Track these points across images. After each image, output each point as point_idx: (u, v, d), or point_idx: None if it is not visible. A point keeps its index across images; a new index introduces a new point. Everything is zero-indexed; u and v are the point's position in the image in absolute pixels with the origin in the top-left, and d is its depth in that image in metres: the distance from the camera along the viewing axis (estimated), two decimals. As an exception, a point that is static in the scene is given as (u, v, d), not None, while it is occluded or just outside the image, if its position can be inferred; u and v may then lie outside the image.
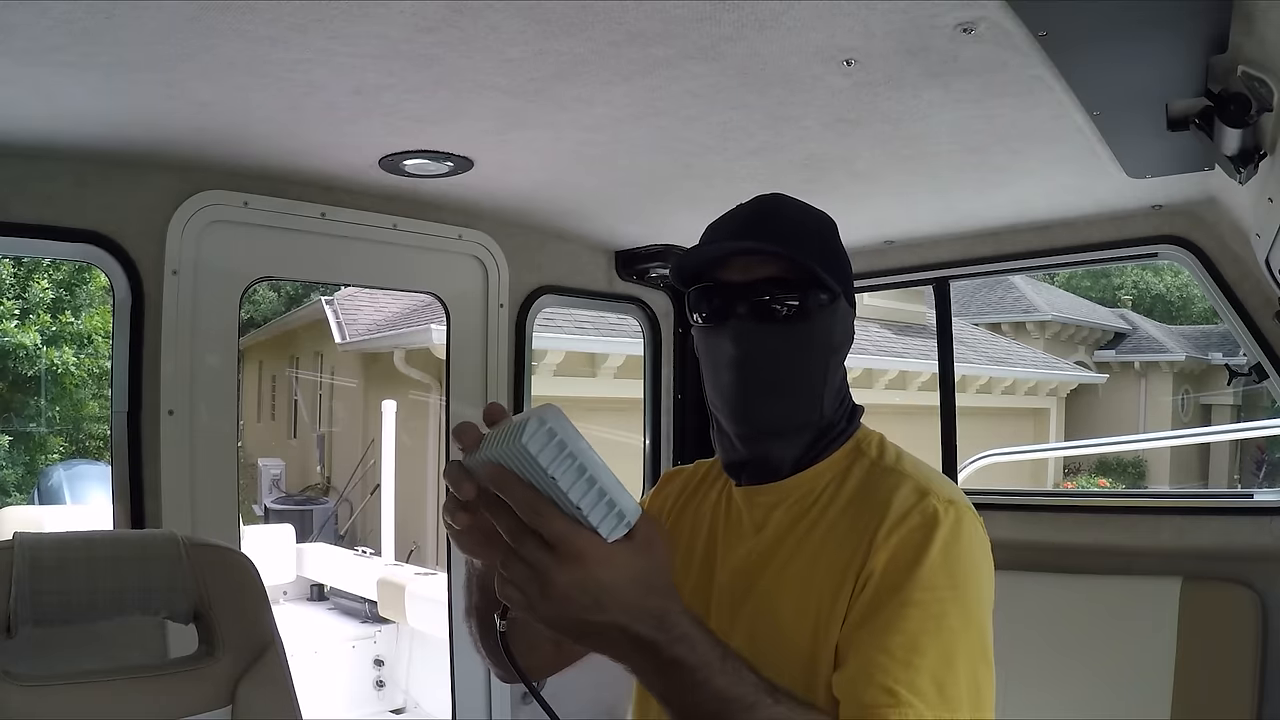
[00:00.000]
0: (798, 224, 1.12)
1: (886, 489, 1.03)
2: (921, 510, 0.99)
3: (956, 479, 2.69)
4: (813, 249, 1.08)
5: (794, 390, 1.09)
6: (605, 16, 1.26)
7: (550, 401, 0.84)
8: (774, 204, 1.14)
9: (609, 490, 0.80)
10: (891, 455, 1.11)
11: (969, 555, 0.99)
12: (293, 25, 1.29)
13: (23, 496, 10.78)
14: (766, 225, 1.10)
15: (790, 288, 1.06)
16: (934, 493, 1.01)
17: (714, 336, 1.09)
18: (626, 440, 4.15)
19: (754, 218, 1.11)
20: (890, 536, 0.98)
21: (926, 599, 0.94)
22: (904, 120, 1.64)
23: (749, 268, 1.07)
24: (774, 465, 1.10)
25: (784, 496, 1.11)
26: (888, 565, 0.97)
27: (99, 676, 1.39)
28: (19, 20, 1.26)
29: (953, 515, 0.99)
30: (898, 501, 1.01)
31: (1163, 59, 1.30)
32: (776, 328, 1.07)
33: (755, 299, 1.06)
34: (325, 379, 13.56)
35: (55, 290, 11.57)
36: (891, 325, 13.34)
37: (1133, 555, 2.33)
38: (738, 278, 1.07)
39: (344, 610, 6.52)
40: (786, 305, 1.07)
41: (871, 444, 1.13)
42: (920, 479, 1.04)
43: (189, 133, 1.77)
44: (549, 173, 2.07)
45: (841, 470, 1.10)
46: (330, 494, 12.09)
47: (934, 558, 0.95)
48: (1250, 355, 2.23)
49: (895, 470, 1.07)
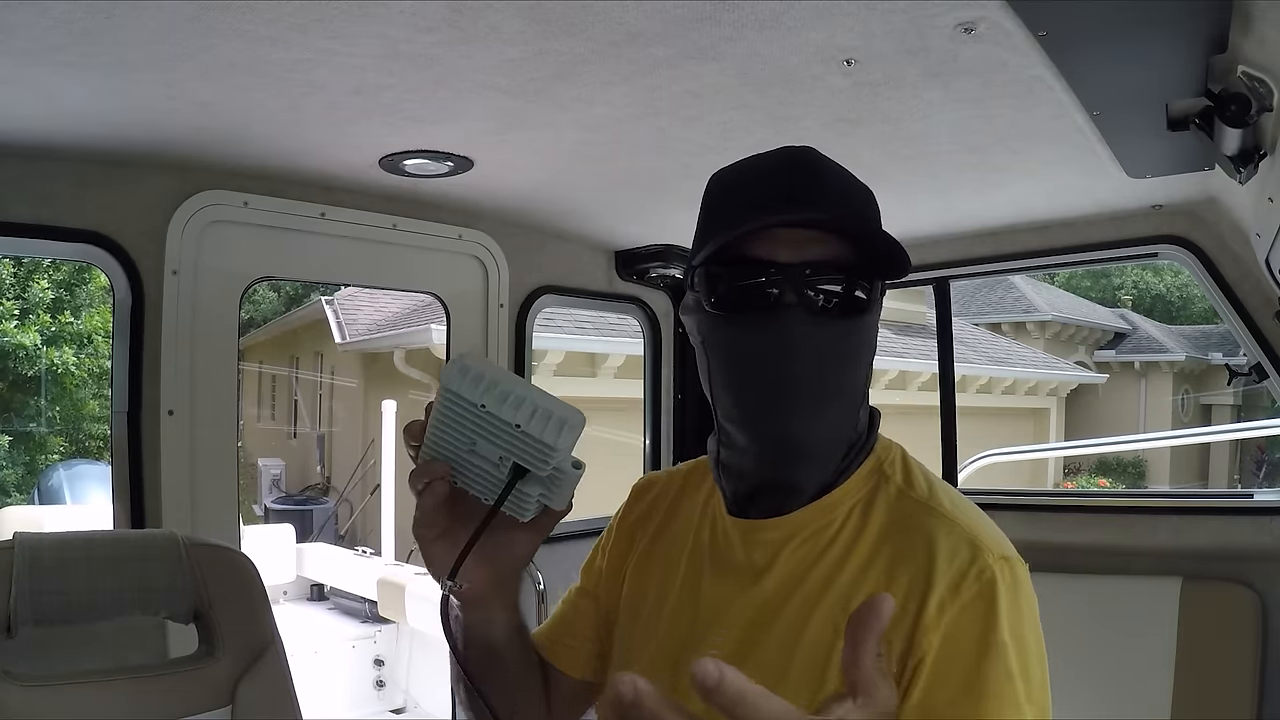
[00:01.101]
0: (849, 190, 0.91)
1: (926, 536, 0.85)
2: (979, 575, 0.81)
3: (956, 479, 2.69)
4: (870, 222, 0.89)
5: (839, 401, 0.89)
6: (605, 16, 1.26)
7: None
8: (816, 161, 0.91)
9: (540, 403, 0.80)
10: (921, 483, 0.92)
11: (1031, 626, 0.84)
12: (293, 25, 1.29)
13: (23, 496, 10.78)
14: (816, 189, 0.88)
15: (850, 272, 0.87)
16: (986, 548, 0.84)
17: (742, 328, 0.87)
18: (626, 440, 4.16)
19: (799, 178, 0.89)
20: (944, 612, 0.80)
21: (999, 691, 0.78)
22: (904, 120, 1.64)
23: (798, 244, 0.85)
24: (797, 493, 0.90)
25: (796, 530, 0.90)
26: (942, 651, 0.79)
27: (99, 676, 1.39)
28: (19, 20, 1.26)
29: (1008, 577, 0.83)
30: (944, 558, 0.83)
31: (1163, 59, 1.29)
32: (829, 323, 0.86)
33: (808, 285, 0.85)
34: (325, 379, 13.57)
35: (55, 290, 11.58)
36: (891, 325, 13.34)
37: (1132, 555, 2.33)
38: (784, 256, 0.85)
39: (344, 610, 6.52)
40: (845, 295, 0.87)
41: (895, 464, 0.94)
42: (964, 526, 0.86)
43: (189, 133, 1.77)
44: (549, 173, 2.07)
45: (864, 498, 0.91)
46: (330, 494, 12.09)
47: (1000, 640, 0.79)
48: (1250, 355, 2.23)
49: (932, 510, 0.88)
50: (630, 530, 1.09)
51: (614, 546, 1.10)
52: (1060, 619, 2.33)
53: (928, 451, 2.79)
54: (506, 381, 0.80)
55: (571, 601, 1.14)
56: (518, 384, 0.80)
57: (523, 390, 0.80)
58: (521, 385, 0.81)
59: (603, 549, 1.12)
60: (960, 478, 2.74)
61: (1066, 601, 2.35)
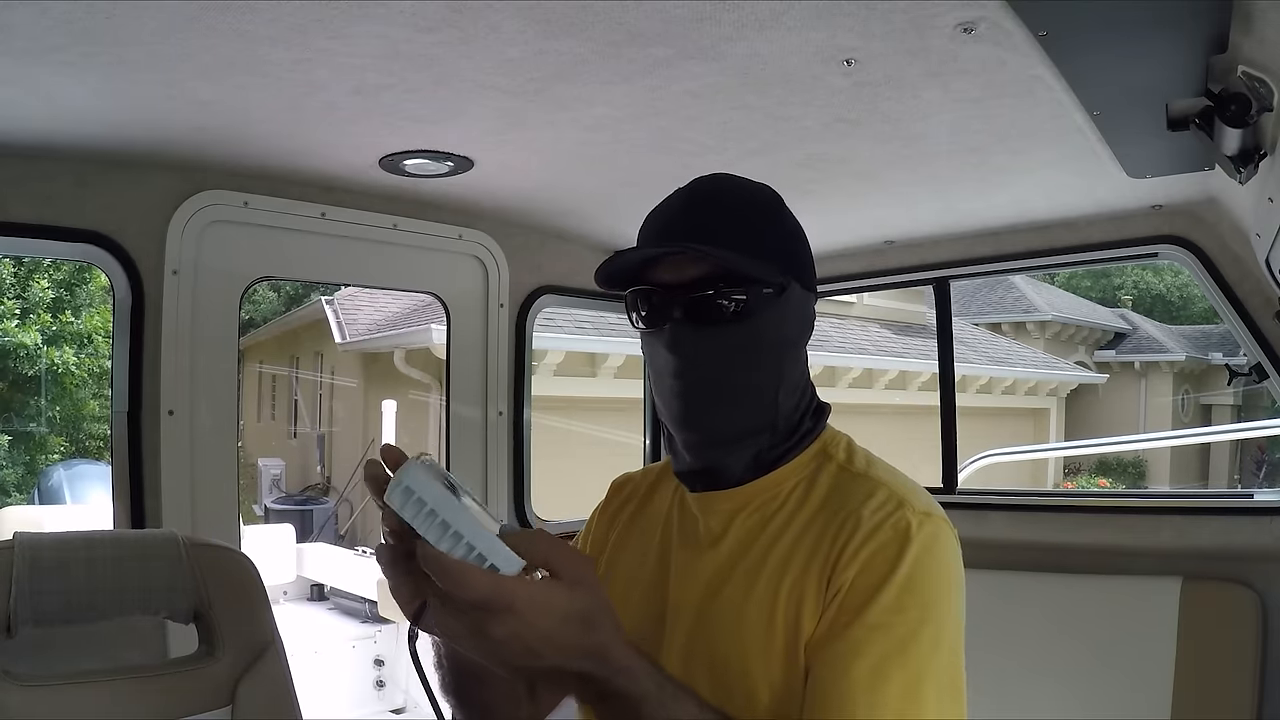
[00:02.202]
0: (732, 210, 1.02)
1: (858, 497, 0.97)
2: (895, 523, 0.93)
3: (956, 479, 2.69)
4: (749, 238, 0.99)
5: (741, 395, 1.00)
6: (605, 16, 1.26)
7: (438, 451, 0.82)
8: (708, 191, 1.04)
9: (477, 544, 0.78)
10: (861, 460, 1.03)
11: (942, 573, 0.93)
12: (293, 25, 1.29)
13: (23, 496, 10.79)
14: (695, 218, 1.00)
15: (727, 284, 0.97)
16: (908, 504, 0.95)
17: (653, 341, 1.01)
18: (626, 440, 4.16)
19: (683, 211, 1.02)
20: (861, 550, 0.92)
21: (894, 622, 0.88)
22: (904, 120, 1.64)
23: (680, 267, 0.98)
24: (726, 474, 1.02)
25: (745, 502, 1.03)
26: (856, 582, 0.91)
27: (99, 676, 1.39)
28: (19, 20, 1.26)
29: (928, 529, 0.93)
30: (869, 511, 0.94)
31: (1163, 59, 1.30)
32: (715, 329, 0.98)
33: (690, 300, 0.98)
34: (325, 379, 13.57)
35: (55, 290, 11.59)
36: (891, 325, 13.35)
37: (1132, 555, 2.33)
38: (669, 278, 0.98)
39: (344, 610, 6.52)
40: (724, 305, 0.98)
41: (839, 447, 1.05)
42: (894, 487, 0.97)
43: (189, 132, 1.77)
44: (549, 173, 2.07)
45: (808, 474, 1.03)
46: (330, 494, 12.09)
47: (904, 576, 0.90)
48: (1250, 355, 2.23)
49: (866, 476, 1.00)
50: (607, 523, 1.19)
51: (593, 542, 1.19)
52: (1060, 619, 2.35)
53: (928, 451, 2.79)
54: (446, 512, 0.78)
55: None
56: (459, 516, 0.78)
57: (460, 526, 0.78)
58: (462, 518, 0.78)
59: (580, 545, 1.22)
60: (960, 478, 2.74)
61: (1066, 601, 2.35)
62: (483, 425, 2.55)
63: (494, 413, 2.56)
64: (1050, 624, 2.34)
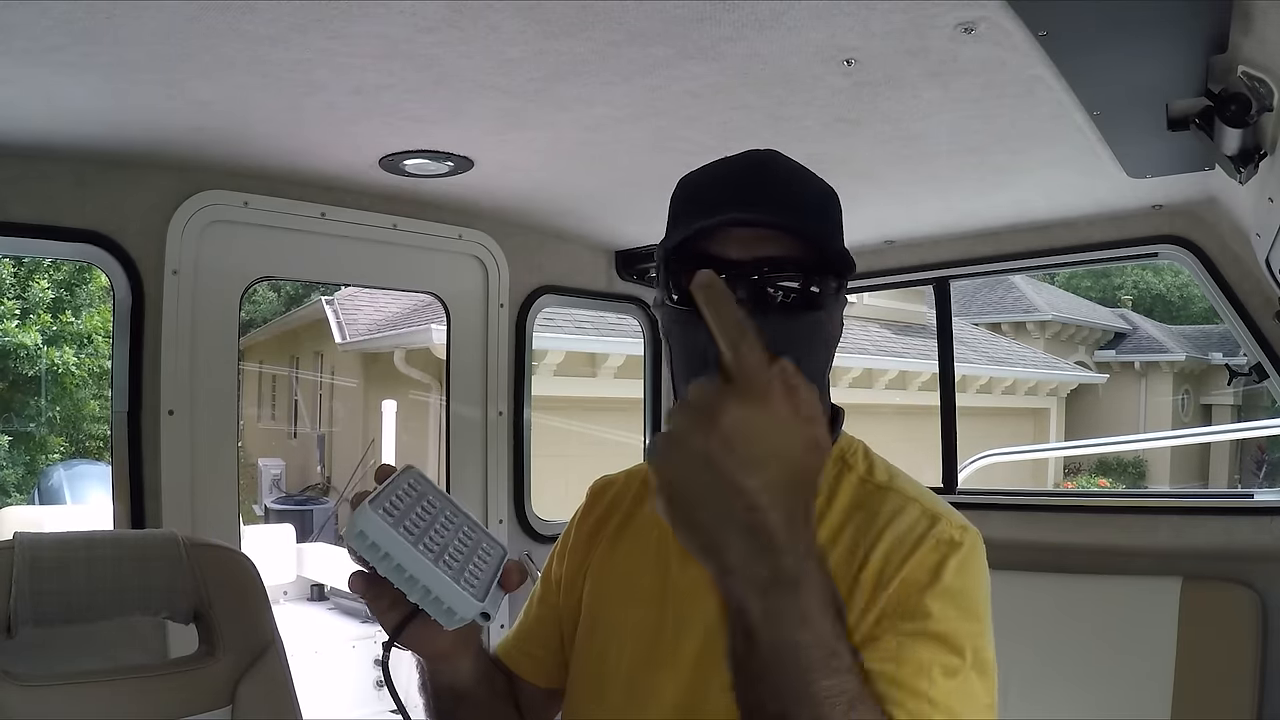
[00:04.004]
0: (802, 191, 0.94)
1: (887, 512, 0.91)
2: (938, 536, 0.87)
3: (956, 479, 2.69)
4: (823, 223, 0.92)
5: None
6: (605, 16, 1.26)
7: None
8: (772, 163, 0.95)
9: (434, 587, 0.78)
10: (882, 471, 0.98)
11: (982, 586, 0.89)
12: (293, 25, 1.29)
13: (23, 496, 10.78)
14: (770, 190, 0.92)
15: (800, 270, 0.89)
16: (945, 518, 0.90)
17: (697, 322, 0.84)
18: (626, 440, 4.16)
19: (754, 180, 0.93)
20: (903, 568, 0.86)
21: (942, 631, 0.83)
22: (904, 120, 1.64)
23: (750, 242, 0.89)
24: None
25: None
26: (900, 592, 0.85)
27: (99, 676, 1.39)
28: (19, 20, 1.26)
29: (967, 540, 0.88)
30: (904, 527, 0.89)
31: (1163, 59, 1.30)
32: (780, 319, 0.89)
33: (757, 282, 0.88)
34: (325, 379, 13.57)
35: (55, 290, 11.57)
36: (891, 325, 13.34)
37: (1132, 555, 2.33)
38: (735, 254, 0.89)
39: (344, 610, 6.51)
40: (795, 292, 0.89)
41: (857, 456, 0.99)
42: (926, 503, 0.92)
43: (189, 133, 1.77)
44: (549, 173, 2.07)
45: (829, 483, 0.95)
46: (330, 494, 12.08)
47: (949, 584, 0.85)
48: (1250, 355, 2.23)
49: (893, 490, 0.94)
50: (590, 532, 1.10)
51: (572, 549, 1.11)
52: (1060, 619, 2.35)
53: (928, 451, 2.78)
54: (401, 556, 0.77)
55: (532, 610, 1.15)
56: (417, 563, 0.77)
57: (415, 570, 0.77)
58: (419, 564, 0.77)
59: (559, 554, 1.13)
60: (960, 478, 2.74)
61: (1066, 601, 2.35)
62: (483, 425, 2.55)
63: (494, 413, 2.56)
64: (1050, 624, 2.34)
